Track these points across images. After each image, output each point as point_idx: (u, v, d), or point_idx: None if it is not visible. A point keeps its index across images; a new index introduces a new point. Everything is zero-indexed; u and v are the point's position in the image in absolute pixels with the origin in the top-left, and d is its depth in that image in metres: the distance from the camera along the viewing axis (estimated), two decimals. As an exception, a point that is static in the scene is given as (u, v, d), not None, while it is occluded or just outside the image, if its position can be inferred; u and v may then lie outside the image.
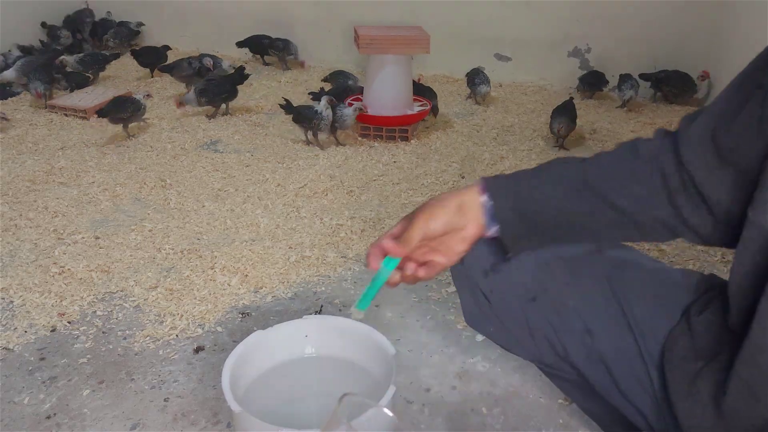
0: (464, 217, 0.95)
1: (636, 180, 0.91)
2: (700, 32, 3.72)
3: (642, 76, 3.80)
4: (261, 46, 4.46)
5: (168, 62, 3.97)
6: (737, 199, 0.83)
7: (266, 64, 4.54)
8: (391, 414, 0.66)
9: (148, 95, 3.26)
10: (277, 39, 4.39)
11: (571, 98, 3.36)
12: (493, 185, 0.95)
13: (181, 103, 3.41)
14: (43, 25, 4.58)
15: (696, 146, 0.88)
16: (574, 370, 1.07)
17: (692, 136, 0.89)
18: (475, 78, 3.73)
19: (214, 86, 3.45)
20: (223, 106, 3.53)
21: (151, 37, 4.85)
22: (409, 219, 0.99)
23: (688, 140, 0.89)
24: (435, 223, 0.95)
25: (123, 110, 3.14)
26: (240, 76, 3.62)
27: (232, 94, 3.53)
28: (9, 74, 3.68)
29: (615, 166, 0.94)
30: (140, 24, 4.78)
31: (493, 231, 0.97)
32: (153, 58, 4.13)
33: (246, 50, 4.61)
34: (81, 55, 4.11)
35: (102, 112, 3.11)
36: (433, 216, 0.96)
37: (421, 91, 3.45)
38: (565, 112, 3.13)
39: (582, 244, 1.08)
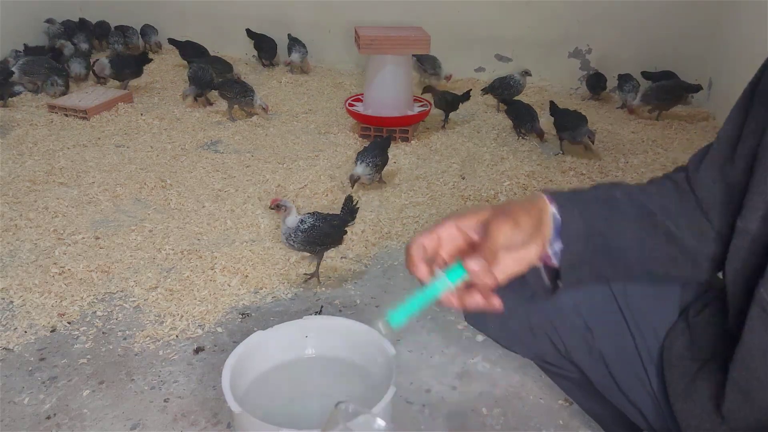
0: (541, 232, 0.78)
1: (690, 215, 0.85)
2: (701, 32, 3.72)
3: (644, 74, 3.80)
4: (261, 51, 4.45)
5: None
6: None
7: (264, 65, 4.53)
8: (383, 423, 0.66)
9: (266, 108, 3.47)
10: (296, 41, 4.36)
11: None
12: (561, 198, 0.81)
13: (101, 70, 3.81)
14: (49, 21, 4.60)
15: (706, 186, 0.84)
16: (575, 368, 1.07)
17: (701, 176, 0.85)
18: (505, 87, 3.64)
19: (120, 61, 3.84)
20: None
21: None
22: (479, 219, 0.77)
23: (701, 183, 0.85)
24: (520, 234, 0.75)
25: (229, 89, 3.43)
26: (144, 57, 3.96)
27: (137, 72, 3.85)
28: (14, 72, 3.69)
29: (672, 201, 0.86)
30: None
31: (552, 252, 0.81)
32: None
33: (246, 51, 4.62)
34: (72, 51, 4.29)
35: (214, 84, 3.52)
36: (519, 225, 0.75)
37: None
38: (581, 119, 3.06)
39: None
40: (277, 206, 1.94)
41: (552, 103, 3.29)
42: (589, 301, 1.02)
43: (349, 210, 2.07)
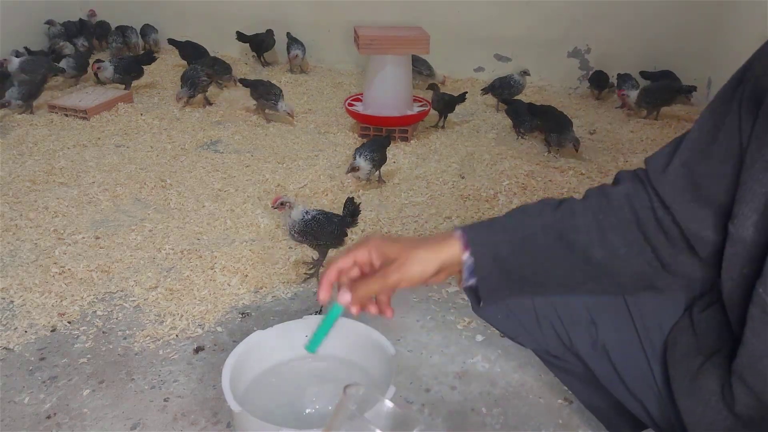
0: (440, 275, 0.90)
1: (610, 230, 0.88)
2: (700, 32, 3.72)
3: (643, 74, 3.81)
4: (263, 44, 4.45)
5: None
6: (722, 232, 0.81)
7: (264, 65, 4.52)
8: (391, 405, 0.67)
9: (290, 113, 3.42)
10: (294, 39, 4.36)
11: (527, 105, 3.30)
12: (474, 240, 0.90)
13: (99, 68, 3.80)
14: (50, 23, 4.60)
15: (674, 183, 0.84)
16: (579, 361, 1.07)
17: (669, 173, 0.85)
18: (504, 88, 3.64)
19: (124, 65, 3.85)
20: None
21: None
22: (376, 249, 0.90)
23: (665, 177, 0.86)
24: (407, 282, 0.88)
25: (255, 88, 3.46)
26: (147, 57, 4.04)
27: (140, 74, 3.91)
28: (12, 67, 3.68)
29: (589, 217, 0.90)
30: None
31: (469, 283, 0.93)
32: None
33: (246, 52, 4.62)
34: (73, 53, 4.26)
35: (245, 81, 3.54)
36: (407, 274, 0.88)
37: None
38: (563, 122, 3.06)
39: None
40: (281, 204, 1.94)
41: (531, 104, 3.28)
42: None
43: (350, 211, 2.06)
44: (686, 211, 0.83)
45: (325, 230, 1.97)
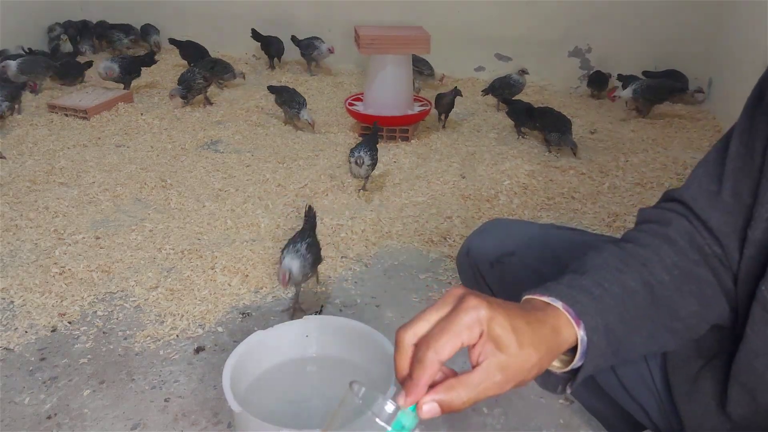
0: (549, 358, 0.71)
1: (689, 280, 0.80)
2: (701, 32, 3.72)
3: (645, 74, 3.80)
4: (272, 46, 4.43)
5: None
6: None
7: (270, 67, 4.49)
8: (395, 405, 0.67)
9: (311, 123, 3.34)
10: (305, 39, 4.32)
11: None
12: (585, 311, 0.73)
13: (108, 74, 3.75)
14: (52, 29, 4.59)
15: (726, 212, 0.81)
16: None
17: (719, 203, 0.81)
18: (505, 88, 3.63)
19: (126, 65, 3.79)
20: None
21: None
22: (488, 327, 0.66)
23: (716, 209, 0.81)
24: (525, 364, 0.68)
25: (279, 94, 3.41)
26: (150, 58, 4.04)
27: (138, 74, 3.90)
28: (11, 67, 3.68)
29: (666, 270, 0.80)
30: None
31: (577, 365, 0.74)
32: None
33: (246, 51, 4.62)
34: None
35: (272, 88, 3.48)
36: (515, 384, 0.69)
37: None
38: (564, 122, 3.07)
39: (581, 233, 1.10)
40: (288, 280, 1.79)
41: (529, 107, 3.28)
42: None
43: (310, 218, 1.97)
44: (736, 240, 0.80)
45: (317, 246, 1.91)
